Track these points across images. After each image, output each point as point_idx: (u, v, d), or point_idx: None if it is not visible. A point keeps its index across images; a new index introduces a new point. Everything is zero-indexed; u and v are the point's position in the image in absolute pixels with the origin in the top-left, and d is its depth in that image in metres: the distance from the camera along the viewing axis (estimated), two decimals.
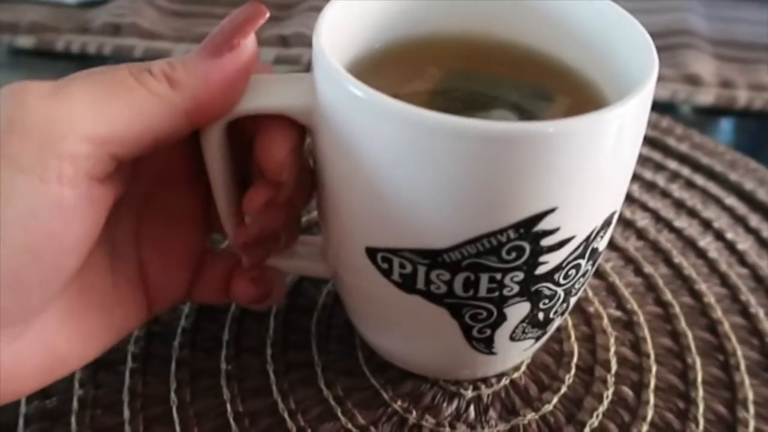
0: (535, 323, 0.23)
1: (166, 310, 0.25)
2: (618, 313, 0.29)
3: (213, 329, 0.28)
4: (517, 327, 0.23)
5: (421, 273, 0.21)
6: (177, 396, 0.26)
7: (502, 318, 0.22)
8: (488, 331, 0.23)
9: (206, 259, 0.25)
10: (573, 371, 0.27)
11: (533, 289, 0.21)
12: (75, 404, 0.25)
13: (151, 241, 0.23)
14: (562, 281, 0.21)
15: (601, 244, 0.22)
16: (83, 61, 0.44)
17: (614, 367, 0.27)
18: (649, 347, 0.28)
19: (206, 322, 0.28)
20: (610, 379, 0.27)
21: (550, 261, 0.20)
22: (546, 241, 0.20)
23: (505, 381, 0.26)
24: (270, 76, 0.21)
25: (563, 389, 0.26)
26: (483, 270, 0.20)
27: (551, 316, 0.23)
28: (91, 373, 0.26)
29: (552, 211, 0.19)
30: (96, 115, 0.18)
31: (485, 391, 0.26)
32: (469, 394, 0.26)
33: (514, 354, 0.25)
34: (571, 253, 0.21)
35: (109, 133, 0.18)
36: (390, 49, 0.24)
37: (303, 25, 0.45)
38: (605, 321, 0.29)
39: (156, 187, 0.23)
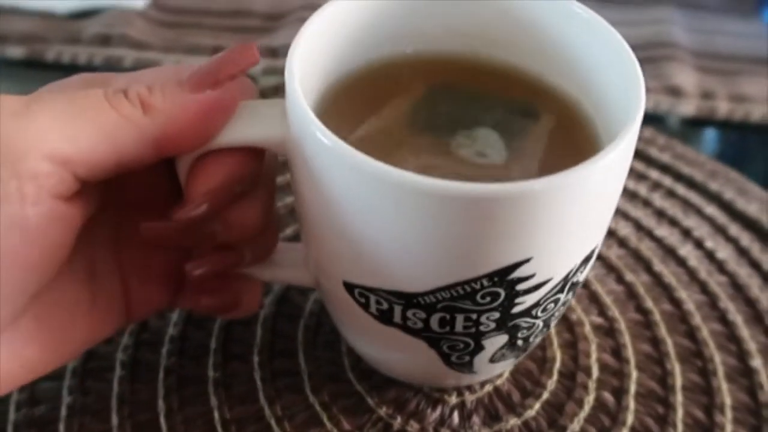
0: (514, 348, 0.23)
1: (147, 317, 0.25)
2: (600, 320, 0.30)
3: (201, 337, 0.28)
4: (496, 353, 0.23)
5: (397, 311, 0.21)
6: (165, 403, 0.26)
7: (480, 348, 0.22)
8: (467, 358, 0.23)
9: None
10: (555, 377, 0.27)
11: (510, 324, 0.21)
12: (63, 411, 0.26)
13: (132, 258, 0.23)
14: (540, 314, 0.22)
15: (582, 276, 0.22)
16: (74, 71, 0.44)
17: (595, 373, 0.28)
18: (630, 353, 0.28)
19: (194, 330, 0.28)
20: (592, 385, 0.27)
21: (527, 301, 0.20)
22: (521, 286, 0.20)
23: (488, 387, 0.27)
24: (242, 108, 0.20)
25: (545, 395, 0.27)
26: (458, 311, 0.20)
27: (531, 340, 0.23)
28: (80, 380, 0.26)
29: (527, 260, 0.19)
30: (60, 133, 0.18)
31: (469, 397, 0.26)
32: (453, 400, 0.26)
33: (495, 370, 0.26)
34: (549, 292, 0.21)
35: (72, 152, 0.18)
36: (373, 66, 0.24)
37: (292, 37, 0.45)
38: (587, 328, 0.29)
39: (134, 206, 0.23)
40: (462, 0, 0.24)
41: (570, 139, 0.23)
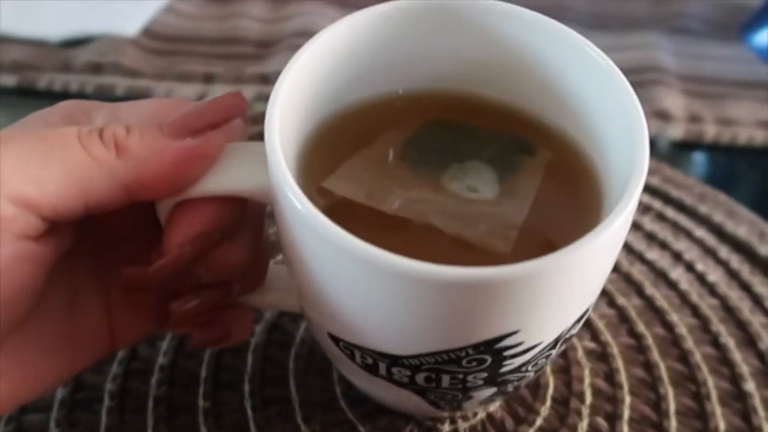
0: (504, 394, 0.23)
1: (133, 344, 0.24)
2: (592, 345, 0.30)
3: (191, 366, 0.28)
4: (485, 399, 0.23)
5: (382, 366, 0.20)
6: None
7: (468, 398, 0.22)
8: (455, 404, 0.23)
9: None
10: (548, 403, 0.27)
11: (499, 380, 0.21)
12: None
13: (116, 287, 0.22)
14: (530, 369, 0.21)
15: (575, 331, 0.21)
16: (65, 99, 0.44)
17: (589, 398, 0.28)
18: (623, 378, 0.28)
19: (184, 359, 0.28)
20: (585, 411, 0.27)
21: (516, 362, 0.20)
22: (509, 352, 0.19)
23: (481, 415, 0.27)
24: (226, 154, 0.20)
25: (539, 421, 0.27)
26: (444, 372, 0.20)
27: (522, 387, 0.23)
28: (68, 411, 0.26)
29: (514, 332, 0.18)
30: (26, 176, 0.17)
31: (462, 425, 0.26)
32: (446, 428, 0.26)
33: (487, 407, 0.26)
34: (539, 352, 0.20)
35: (37, 196, 0.17)
36: (364, 105, 0.24)
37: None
38: (580, 353, 0.29)
39: (117, 236, 0.22)
40: (457, 38, 0.23)
41: (567, 176, 0.22)
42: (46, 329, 0.21)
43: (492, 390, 0.22)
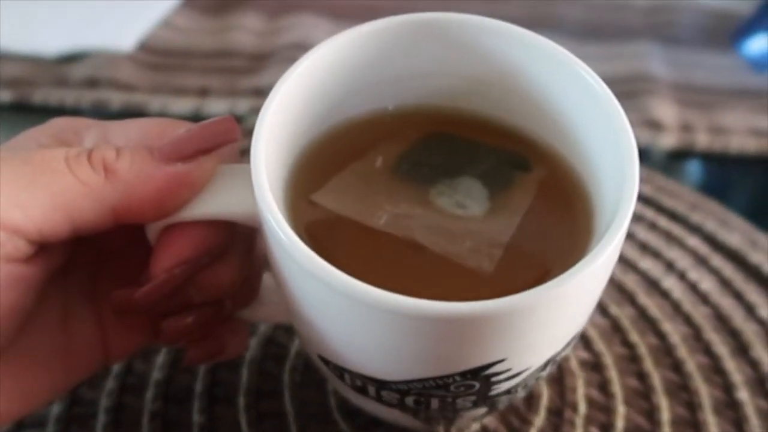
0: (495, 410, 0.23)
1: (126, 358, 0.24)
2: (586, 355, 0.30)
3: (186, 380, 0.28)
4: (477, 418, 0.23)
5: (371, 389, 0.20)
6: None
7: (459, 417, 0.22)
8: (447, 421, 0.23)
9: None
10: (542, 414, 0.27)
11: (489, 401, 0.21)
12: None
13: (109, 301, 0.22)
14: (521, 390, 0.21)
15: (566, 353, 0.21)
16: (61, 115, 0.44)
17: (583, 408, 0.28)
18: (617, 388, 0.28)
19: (179, 374, 0.28)
20: (579, 421, 0.27)
21: (505, 386, 0.20)
22: (497, 378, 0.19)
23: (475, 426, 0.27)
24: (216, 178, 0.20)
25: None
26: (433, 396, 0.20)
27: (513, 401, 0.23)
28: (63, 427, 0.26)
29: (501, 360, 0.18)
30: (11, 201, 0.17)
31: None
32: None
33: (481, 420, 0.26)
34: (529, 376, 0.20)
35: (22, 221, 0.17)
36: (354, 122, 0.24)
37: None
38: (573, 363, 0.29)
39: (111, 250, 0.22)
40: (449, 55, 0.23)
41: (558, 195, 0.22)
42: (40, 344, 0.21)
43: (483, 409, 0.22)
